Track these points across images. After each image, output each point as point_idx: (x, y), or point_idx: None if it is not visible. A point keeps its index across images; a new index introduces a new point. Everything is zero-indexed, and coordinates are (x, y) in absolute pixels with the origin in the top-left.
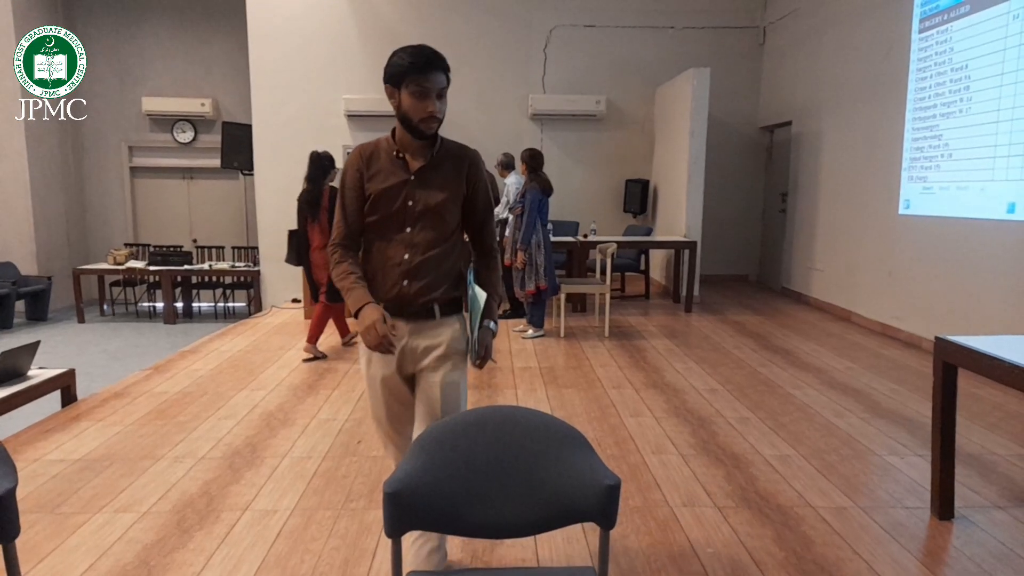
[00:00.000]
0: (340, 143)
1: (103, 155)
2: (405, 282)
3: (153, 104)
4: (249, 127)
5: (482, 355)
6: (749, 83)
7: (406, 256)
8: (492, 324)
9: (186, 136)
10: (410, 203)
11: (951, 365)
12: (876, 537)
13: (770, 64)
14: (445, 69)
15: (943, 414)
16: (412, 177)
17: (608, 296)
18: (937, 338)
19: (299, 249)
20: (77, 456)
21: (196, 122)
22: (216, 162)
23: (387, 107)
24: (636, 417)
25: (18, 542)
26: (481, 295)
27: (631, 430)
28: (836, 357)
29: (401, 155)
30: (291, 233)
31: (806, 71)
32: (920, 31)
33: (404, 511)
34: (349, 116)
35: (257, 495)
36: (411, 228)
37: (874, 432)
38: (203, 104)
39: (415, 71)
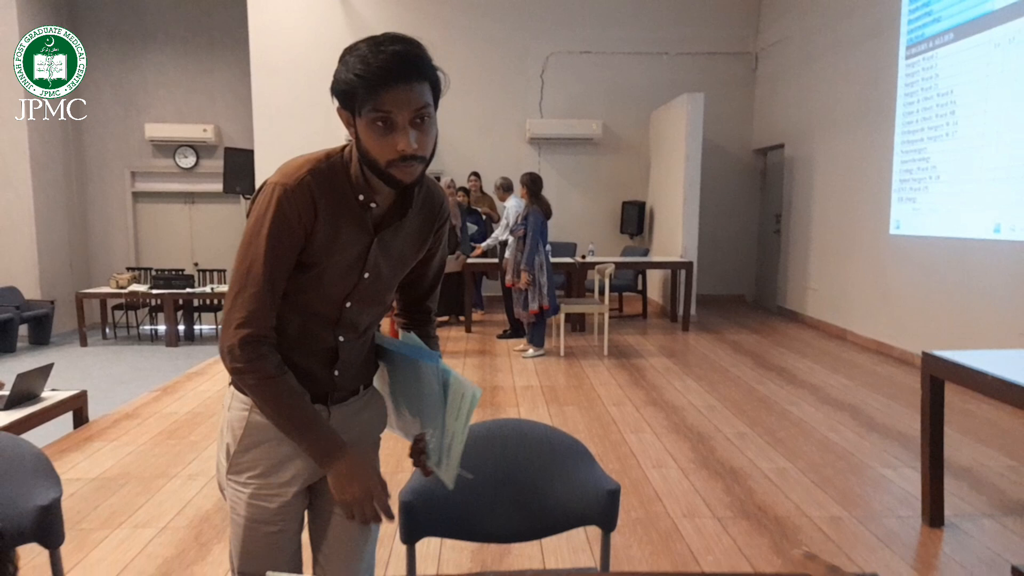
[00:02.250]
0: None
1: (106, 181)
2: (336, 372)
3: (156, 130)
4: (251, 152)
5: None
6: (742, 107)
7: (340, 339)
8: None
9: (188, 161)
10: (366, 276)
11: (938, 379)
12: (870, 545)
13: (763, 89)
14: (426, 75)
15: (931, 426)
16: (375, 239)
17: (607, 316)
18: (924, 353)
19: None
20: (93, 475)
21: (198, 148)
22: (218, 187)
23: None
24: (637, 433)
25: (41, 556)
26: (468, 388)
27: (632, 446)
28: (831, 374)
29: (371, 203)
30: None
31: (798, 96)
32: (907, 57)
33: (418, 519)
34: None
35: None
36: (352, 303)
37: (868, 446)
38: (205, 130)
39: (370, 88)
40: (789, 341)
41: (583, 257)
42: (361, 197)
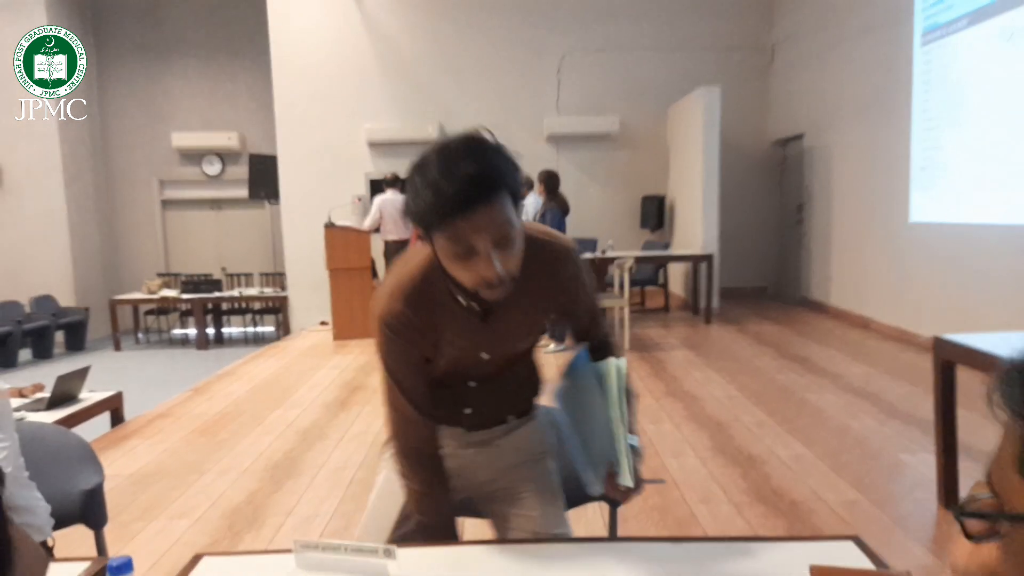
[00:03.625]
0: (363, 172)
1: (135, 190)
2: (468, 410)
3: (182, 139)
4: (275, 158)
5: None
6: (760, 100)
7: (471, 384)
8: (636, 440)
9: (214, 169)
10: (484, 356)
11: (949, 362)
12: (884, 526)
13: (779, 81)
14: (505, 186)
15: (943, 409)
16: (483, 323)
17: (627, 310)
18: (936, 337)
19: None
20: (130, 471)
21: (224, 155)
22: (243, 192)
23: (409, 134)
24: (656, 424)
25: (84, 547)
26: (615, 366)
27: (651, 436)
28: (853, 363)
29: (471, 303)
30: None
31: (815, 87)
32: (922, 45)
33: None
34: (371, 145)
35: (299, 502)
36: (482, 355)
37: (887, 432)
38: (230, 138)
39: (444, 217)
40: (811, 331)
41: (602, 252)
42: (460, 299)
